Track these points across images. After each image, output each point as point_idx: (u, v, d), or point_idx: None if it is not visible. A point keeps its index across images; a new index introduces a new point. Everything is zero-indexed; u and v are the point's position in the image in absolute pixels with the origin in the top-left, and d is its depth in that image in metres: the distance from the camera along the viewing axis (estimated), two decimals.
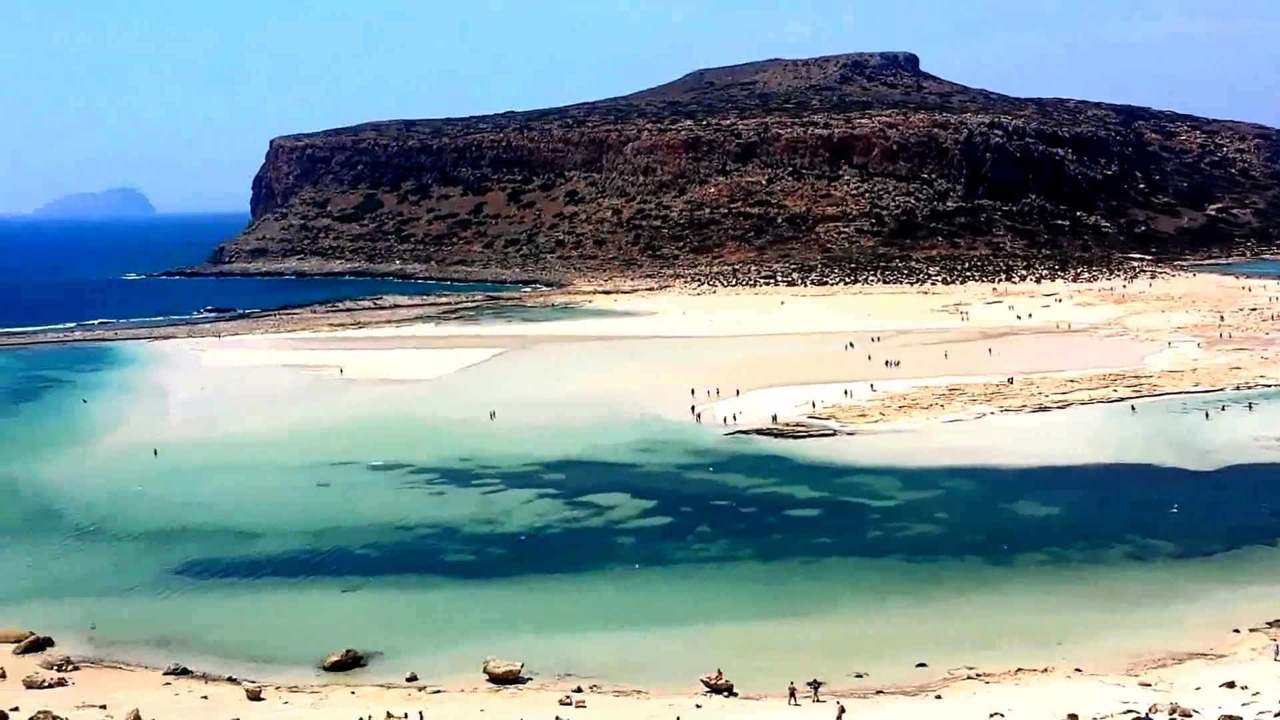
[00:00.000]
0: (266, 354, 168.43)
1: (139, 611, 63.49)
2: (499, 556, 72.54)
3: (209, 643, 58.69)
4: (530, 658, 54.60)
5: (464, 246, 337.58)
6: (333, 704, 50.19)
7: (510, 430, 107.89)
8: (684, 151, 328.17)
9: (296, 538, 76.38)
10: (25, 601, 64.91)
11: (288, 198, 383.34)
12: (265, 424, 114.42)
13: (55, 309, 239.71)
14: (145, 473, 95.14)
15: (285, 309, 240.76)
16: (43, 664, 55.53)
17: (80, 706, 48.79)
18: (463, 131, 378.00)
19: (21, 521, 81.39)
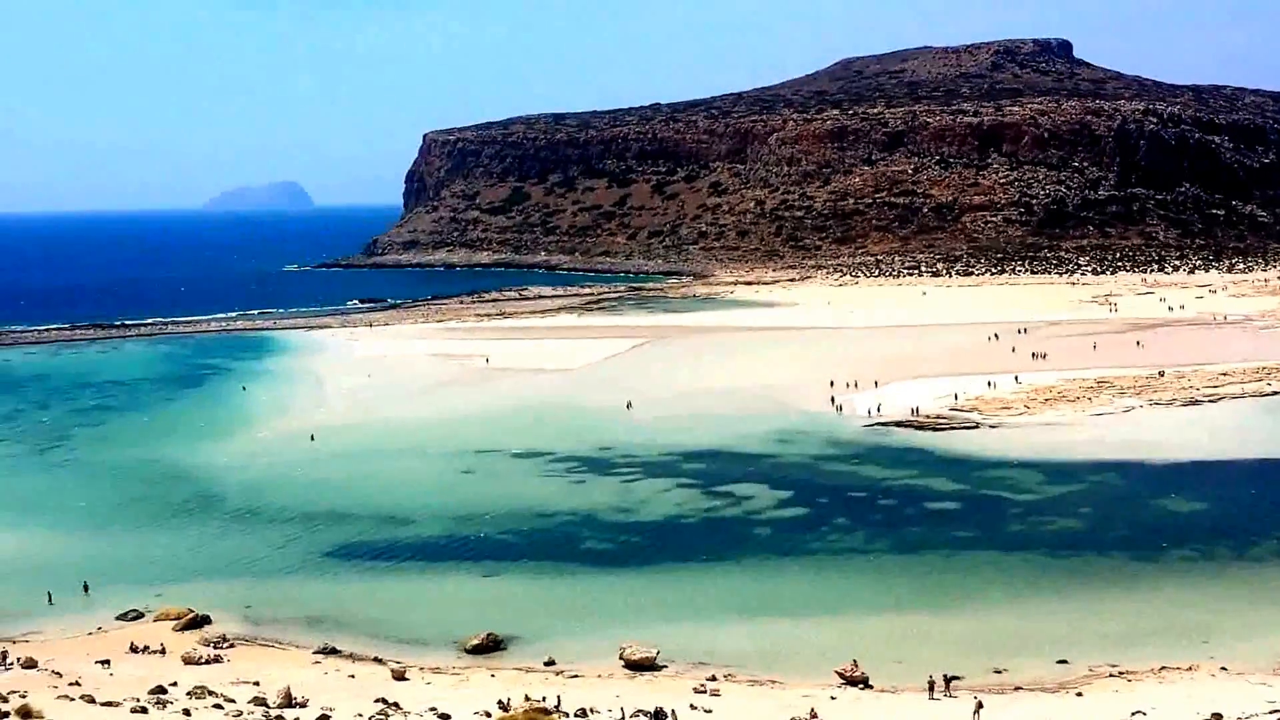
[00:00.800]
0: (415, 343, 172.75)
1: (291, 591, 66.28)
2: (636, 544, 73.69)
3: (357, 623, 60.97)
4: (666, 644, 55.34)
5: (608, 238, 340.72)
6: (473, 686, 51.73)
7: (649, 420, 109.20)
8: (829, 141, 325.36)
9: (441, 523, 78.76)
10: (186, 580, 68.22)
11: (439, 191, 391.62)
12: (414, 411, 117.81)
13: (219, 299, 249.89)
14: (302, 457, 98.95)
15: (434, 299, 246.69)
16: (200, 641, 58.44)
17: (235, 683, 51.09)
18: (609, 124, 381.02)
19: (185, 504, 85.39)
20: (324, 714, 43.68)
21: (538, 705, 45.70)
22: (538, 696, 48.31)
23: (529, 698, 48.17)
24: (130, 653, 56.61)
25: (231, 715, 44.60)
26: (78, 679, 51.13)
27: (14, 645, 57.08)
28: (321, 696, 48.32)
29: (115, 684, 50.34)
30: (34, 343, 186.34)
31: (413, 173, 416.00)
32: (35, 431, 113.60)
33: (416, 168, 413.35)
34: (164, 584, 67.22)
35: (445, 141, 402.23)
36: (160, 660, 55.53)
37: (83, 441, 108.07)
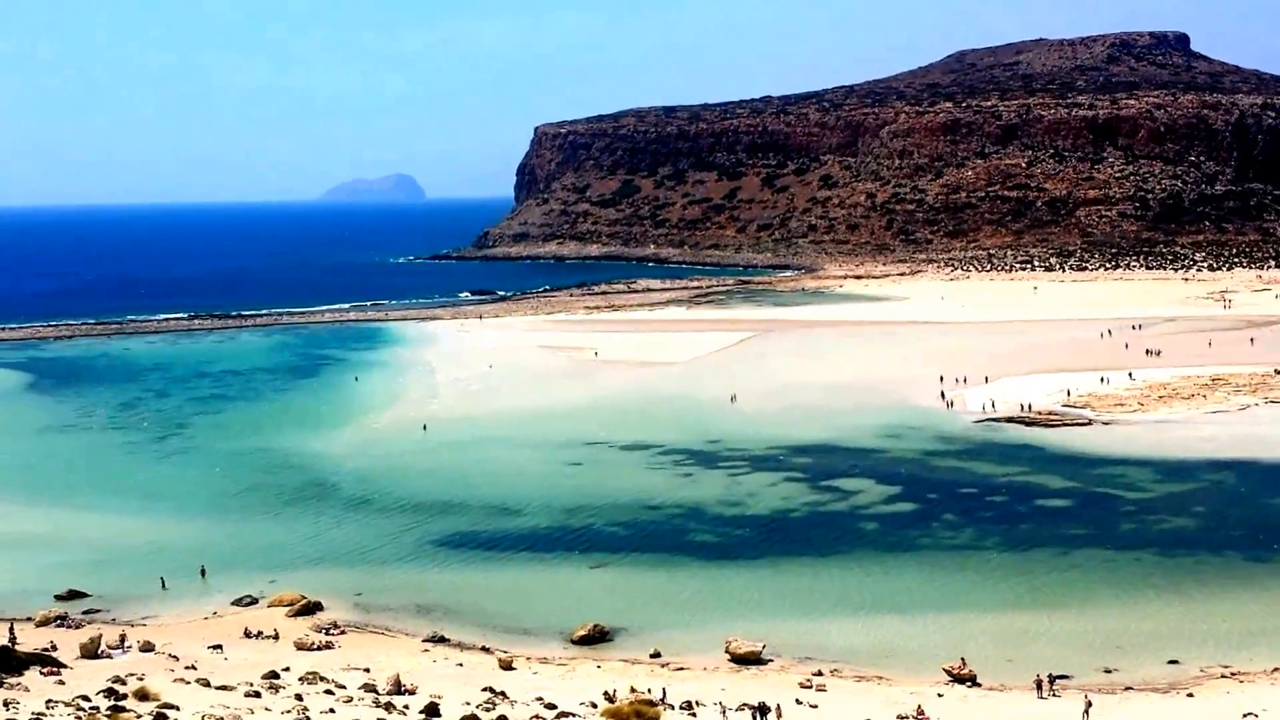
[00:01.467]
0: (525, 335, 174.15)
1: (402, 580, 67.07)
2: (743, 538, 73.24)
3: (465, 612, 61.53)
4: (772, 639, 55.03)
5: (717, 231, 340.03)
6: (579, 676, 51.88)
7: (757, 413, 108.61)
8: (942, 134, 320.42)
9: (549, 514, 79.13)
10: (300, 567, 69.51)
11: (549, 184, 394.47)
12: (523, 402, 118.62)
13: (332, 290, 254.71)
14: (413, 447, 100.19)
15: (543, 292, 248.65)
16: (312, 627, 59.43)
17: (345, 669, 51.81)
18: (720, 117, 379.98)
19: (299, 492, 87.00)
20: (432, 702, 44.00)
21: (643, 697, 45.56)
22: (643, 688, 48.23)
23: (634, 689, 48.11)
24: (244, 638, 57.80)
25: (342, 701, 45.15)
26: (194, 662, 52.30)
27: (132, 629, 58.63)
28: (430, 684, 48.74)
29: (230, 668, 51.38)
30: (154, 332, 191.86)
31: (524, 165, 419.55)
32: (155, 419, 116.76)
33: (527, 160, 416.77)
34: (278, 570, 68.53)
35: (556, 134, 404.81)
36: (273, 645, 56.58)
37: (200, 430, 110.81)
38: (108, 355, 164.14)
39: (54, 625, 59.22)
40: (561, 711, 43.57)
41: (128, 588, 65.92)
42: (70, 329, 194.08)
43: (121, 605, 63.44)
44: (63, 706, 40.61)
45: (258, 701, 44.47)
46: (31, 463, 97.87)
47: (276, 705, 43.76)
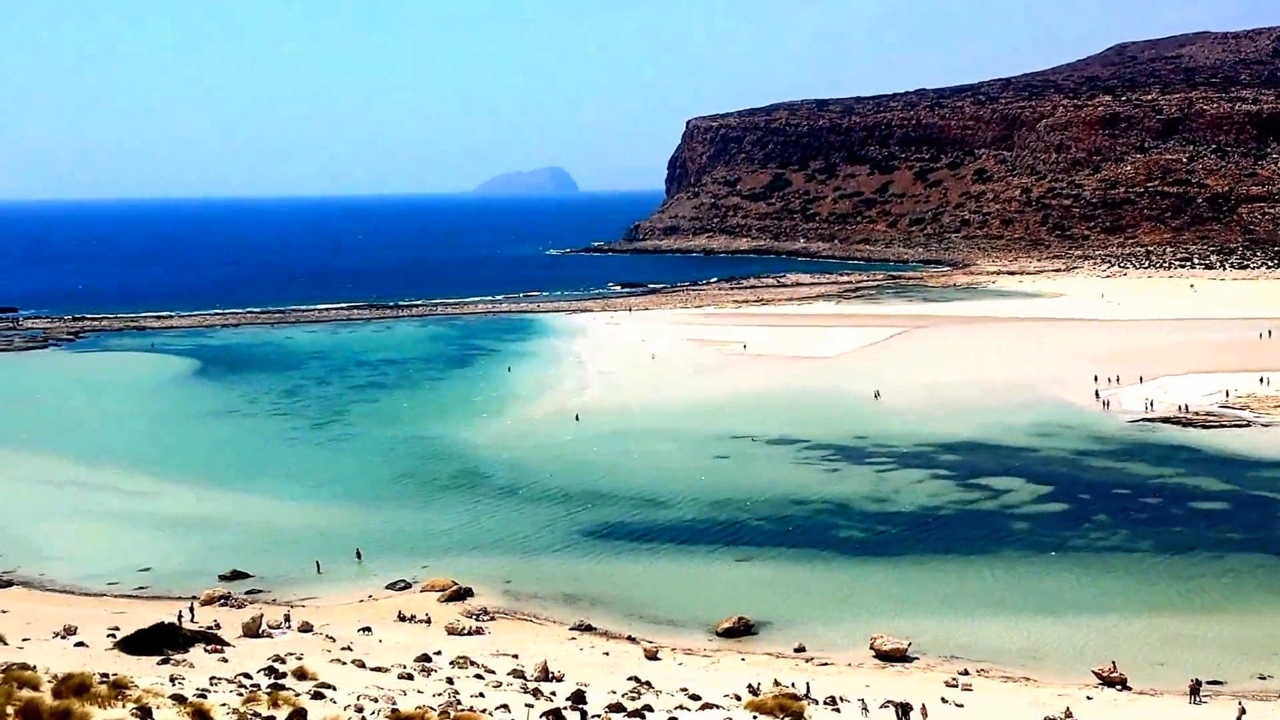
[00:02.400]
0: (673, 328, 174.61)
1: (550, 568, 68.03)
2: (890, 535, 72.37)
3: (612, 602, 62.15)
4: (918, 637, 54.41)
5: (868, 225, 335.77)
6: (723, 669, 51.97)
7: (905, 409, 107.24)
8: (1100, 128, 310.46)
9: (696, 507, 79.34)
10: (451, 554, 70.99)
11: (700, 177, 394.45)
12: (672, 395, 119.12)
13: (486, 281, 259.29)
14: (564, 438, 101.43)
15: (692, 285, 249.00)
16: (463, 612, 60.68)
17: (495, 654, 52.78)
18: (873, 110, 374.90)
19: (452, 480, 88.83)
20: (579, 689, 44.49)
21: (787, 691, 45.35)
22: (787, 682, 48.06)
23: (778, 683, 47.99)
24: (398, 621, 59.33)
25: (491, 686, 45.97)
26: (349, 644, 53.90)
27: (292, 609, 60.67)
28: (576, 672, 49.35)
29: (384, 650, 52.80)
30: (315, 321, 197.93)
31: (675, 158, 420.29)
32: (315, 407, 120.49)
33: (679, 154, 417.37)
34: (430, 556, 70.15)
35: (708, 128, 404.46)
36: (425, 629, 57.95)
37: (358, 417, 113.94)
38: (271, 343, 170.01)
39: (218, 604, 61.64)
40: (705, 703, 43.63)
41: (287, 569, 68.26)
42: (236, 317, 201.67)
43: (281, 586, 65.74)
44: (226, 683, 42.17)
45: (410, 684, 45.55)
46: (199, 446, 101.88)
47: (428, 688, 44.79)
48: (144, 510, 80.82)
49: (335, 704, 38.19)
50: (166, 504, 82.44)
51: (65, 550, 71.69)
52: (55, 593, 64.74)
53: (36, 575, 67.48)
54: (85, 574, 67.60)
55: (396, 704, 38.54)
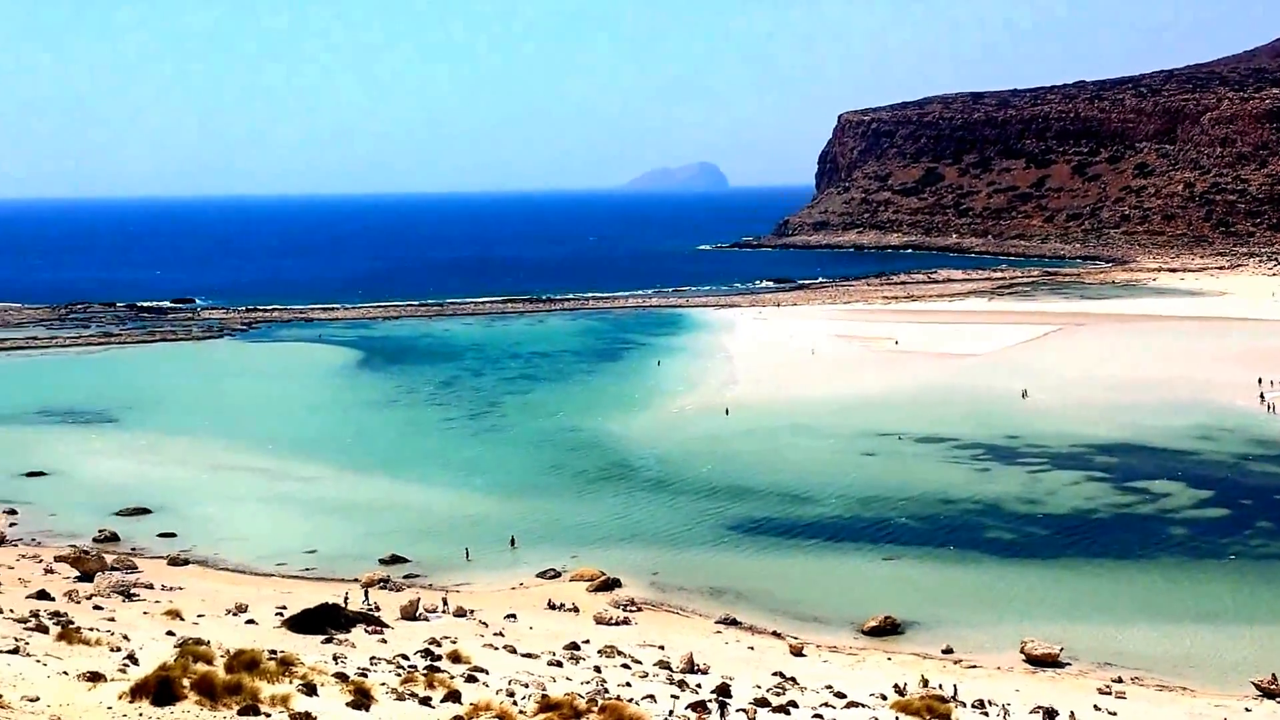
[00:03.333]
0: (822, 323, 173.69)
1: (696, 561, 68.56)
2: (1042, 536, 71.05)
3: (757, 597, 62.39)
4: (1070, 642, 53.39)
5: (1023, 221, 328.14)
6: (869, 667, 51.78)
7: (1060, 408, 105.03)
8: (1268, 121, 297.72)
9: (843, 503, 79.05)
10: (600, 544, 72.10)
11: (850, 172, 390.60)
12: (819, 391, 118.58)
13: (636, 276, 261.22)
14: (711, 432, 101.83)
15: (841, 281, 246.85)
16: (611, 602, 61.62)
17: (641, 645, 53.47)
18: (1029, 103, 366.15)
19: (601, 472, 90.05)
20: (724, 683, 44.84)
21: (934, 693, 45.00)
22: (934, 684, 47.66)
23: (926, 683, 47.65)
24: (548, 609, 60.60)
25: (638, 676, 46.65)
26: (501, 629, 55.29)
27: (447, 594, 62.43)
28: (721, 665, 49.70)
29: (534, 637, 54.00)
30: (471, 314, 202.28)
31: (825, 153, 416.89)
32: (470, 397, 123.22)
33: (829, 148, 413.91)
34: (580, 546, 71.34)
35: (859, 122, 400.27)
36: (574, 618, 59.04)
37: (511, 409, 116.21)
38: (429, 335, 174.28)
39: (377, 587, 63.77)
40: (851, 701, 43.58)
41: (443, 555, 70.16)
42: (397, 310, 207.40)
43: (437, 571, 67.65)
44: (384, 664, 43.74)
45: (559, 671, 46.54)
46: (361, 435, 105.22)
47: (577, 675, 45.70)
48: (311, 495, 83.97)
49: (488, 688, 39.29)
50: (331, 489, 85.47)
51: (238, 532, 74.96)
52: (228, 572, 67.81)
53: (211, 555, 70.74)
54: (256, 555, 70.63)
55: (546, 690, 39.49)
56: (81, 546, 69.62)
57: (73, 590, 58.67)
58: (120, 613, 53.10)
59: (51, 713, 26.02)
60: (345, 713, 29.81)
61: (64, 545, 70.52)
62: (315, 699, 30.50)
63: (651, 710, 36.17)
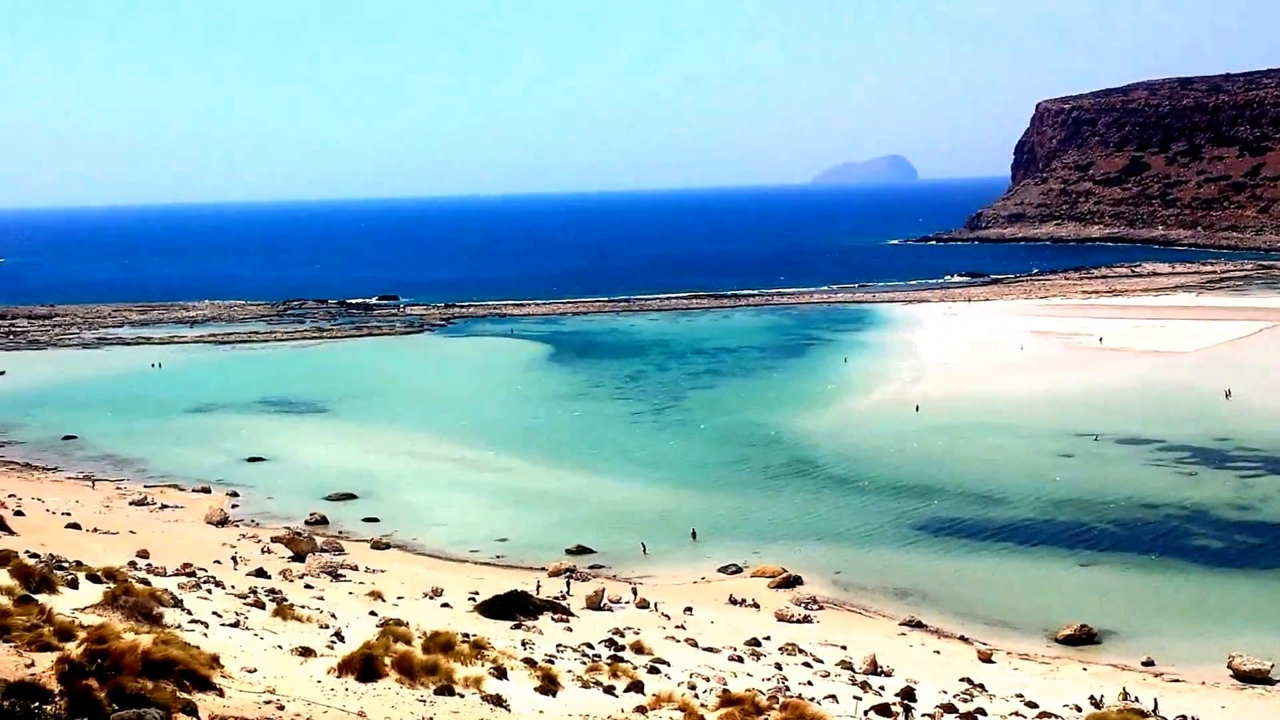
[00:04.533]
0: (1016, 319, 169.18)
1: (880, 561, 67.71)
2: (1253, 546, 67.78)
3: (944, 599, 61.23)
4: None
5: (1235, 212, 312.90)
6: (1063, 677, 50.27)
7: (1274, 410, 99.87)
8: None
9: (1036, 506, 76.91)
10: (781, 541, 71.84)
11: (1049, 162, 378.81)
12: (1012, 388, 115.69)
13: (821, 272, 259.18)
14: (896, 429, 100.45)
15: (1038, 275, 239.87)
16: (792, 600, 61.36)
17: (823, 644, 53.14)
18: (1243, 88, 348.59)
19: (784, 468, 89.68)
20: (909, 686, 44.31)
21: (1133, 706, 43.53)
22: (1133, 696, 46.08)
23: (1126, 694, 46.12)
24: (729, 604, 60.80)
25: (819, 675, 46.47)
26: (682, 623, 55.76)
27: (629, 585, 63.26)
28: (905, 668, 49.06)
29: (715, 631, 54.28)
30: (656, 310, 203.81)
31: (1022, 143, 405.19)
32: (655, 392, 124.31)
33: (1027, 138, 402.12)
34: (761, 542, 71.32)
35: (1058, 110, 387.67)
36: (755, 614, 59.09)
37: (695, 403, 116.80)
38: (616, 330, 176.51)
39: (564, 576, 65.07)
40: (1043, 711, 42.51)
41: (627, 547, 71.04)
42: (586, 305, 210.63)
43: (621, 563, 68.64)
44: (570, 651, 44.64)
45: (740, 666, 46.71)
46: (551, 427, 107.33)
47: (757, 672, 45.79)
48: (503, 485, 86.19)
49: (669, 680, 39.75)
50: (522, 480, 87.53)
51: (436, 518, 77.59)
52: (426, 556, 70.23)
53: (411, 540, 73.40)
54: (451, 540, 72.97)
55: (727, 685, 39.69)
56: (295, 528, 73.76)
57: (287, 569, 61.74)
58: (329, 592, 55.64)
59: (267, 684, 27.53)
60: (533, 697, 30.64)
61: (279, 527, 74.62)
62: (505, 682, 31.43)
63: (834, 711, 36.03)
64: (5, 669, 23.69)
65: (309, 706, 25.67)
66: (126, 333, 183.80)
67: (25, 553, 47.67)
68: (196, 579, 52.09)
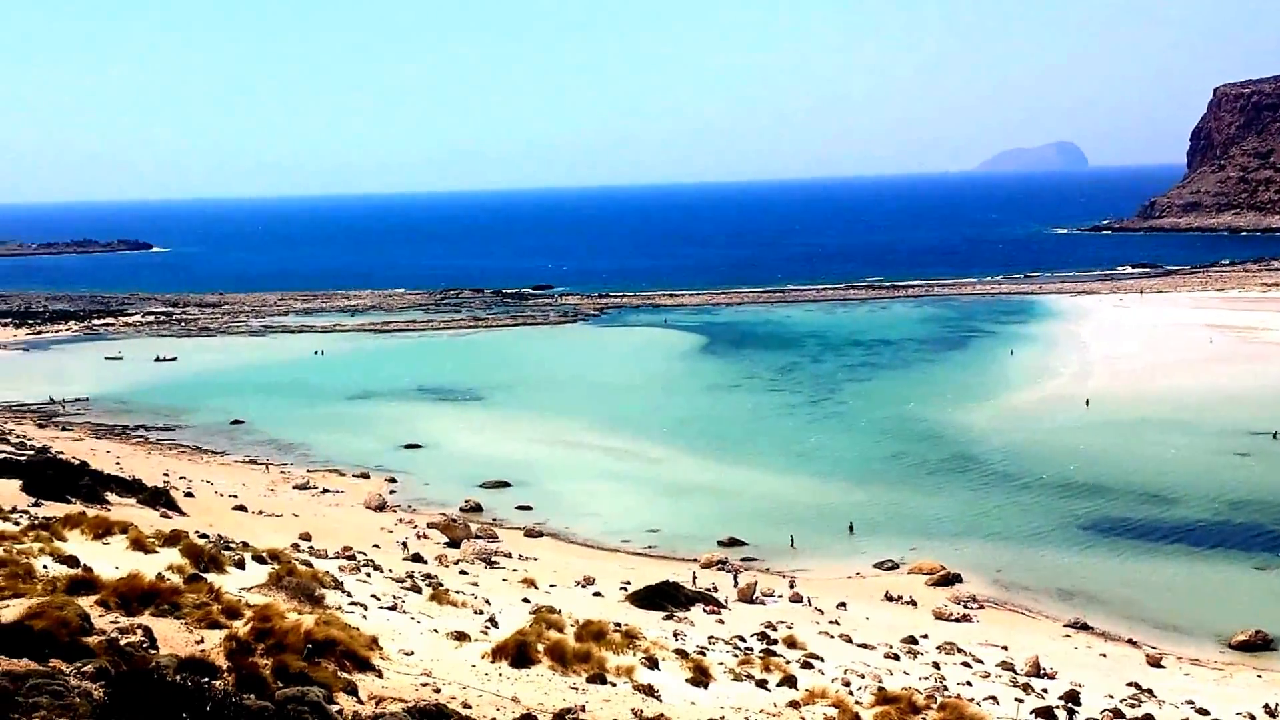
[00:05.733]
0: (1190, 312, 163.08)
1: (1044, 560, 65.77)
2: None
3: (1111, 601, 59.16)
4: None
5: None
6: (1236, 684, 48.08)
7: None
8: None
9: (1209, 506, 73.88)
10: (940, 537, 70.37)
11: (1227, 149, 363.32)
12: (1184, 383, 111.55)
13: (984, 262, 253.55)
14: (1061, 424, 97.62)
15: (1214, 266, 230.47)
16: (951, 598, 59.98)
17: (982, 644, 51.78)
18: None
19: (943, 463, 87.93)
20: (1073, 689, 42.94)
21: None
22: None
23: None
24: (884, 600, 59.79)
25: (979, 675, 45.39)
26: (836, 618, 55.06)
27: (782, 579, 62.77)
28: (1070, 671, 47.52)
29: (870, 628, 53.43)
30: (812, 300, 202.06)
31: (1199, 129, 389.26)
32: (809, 384, 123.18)
33: (1203, 124, 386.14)
34: (918, 538, 70.01)
35: (1237, 95, 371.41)
36: (911, 611, 57.97)
37: (850, 396, 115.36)
38: (770, 321, 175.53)
39: (716, 568, 64.90)
40: (1215, 719, 40.83)
41: (780, 540, 70.42)
42: (739, 296, 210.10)
43: (773, 556, 68.12)
44: (722, 644, 44.46)
45: (896, 664, 45.90)
46: (704, 418, 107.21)
47: (914, 670, 44.93)
48: (655, 475, 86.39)
49: (823, 675, 39.27)
50: (674, 470, 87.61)
51: (587, 508, 78.13)
52: (578, 545, 70.82)
53: (563, 528, 74.15)
54: (603, 530, 73.46)
55: (882, 682, 39.06)
56: (450, 515, 75.17)
57: (442, 555, 63.09)
58: (483, 578, 56.61)
59: (423, 667, 28.10)
60: (685, 688, 30.57)
61: (435, 513, 76.07)
62: (657, 673, 31.45)
63: (994, 712, 35.08)
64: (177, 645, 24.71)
65: (464, 690, 26.12)
66: (291, 320, 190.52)
67: (195, 533, 49.80)
68: (356, 562, 53.59)
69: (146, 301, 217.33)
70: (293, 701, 19.62)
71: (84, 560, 35.28)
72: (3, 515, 46.31)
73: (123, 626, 25.40)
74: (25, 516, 47.93)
